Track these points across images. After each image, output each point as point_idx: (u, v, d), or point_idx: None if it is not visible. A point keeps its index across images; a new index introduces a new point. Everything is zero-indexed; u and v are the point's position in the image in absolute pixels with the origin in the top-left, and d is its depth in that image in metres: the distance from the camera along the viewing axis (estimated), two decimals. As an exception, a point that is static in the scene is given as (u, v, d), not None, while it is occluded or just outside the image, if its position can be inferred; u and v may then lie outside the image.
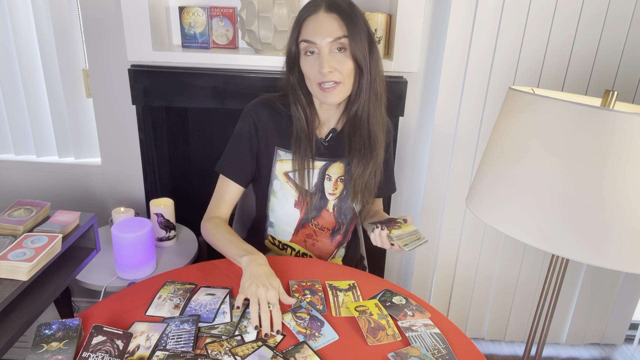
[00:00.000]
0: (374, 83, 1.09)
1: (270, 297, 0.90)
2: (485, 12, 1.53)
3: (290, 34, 1.08)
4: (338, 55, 1.03)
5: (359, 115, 1.12)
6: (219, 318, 0.89)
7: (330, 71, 1.02)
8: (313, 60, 1.04)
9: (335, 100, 1.07)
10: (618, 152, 0.85)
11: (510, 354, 1.95)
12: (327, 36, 1.01)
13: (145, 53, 1.54)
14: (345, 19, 1.02)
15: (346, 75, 1.05)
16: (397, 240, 1.01)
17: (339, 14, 1.02)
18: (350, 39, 1.02)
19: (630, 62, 1.59)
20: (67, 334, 0.80)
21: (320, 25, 1.02)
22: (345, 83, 1.06)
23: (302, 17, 1.05)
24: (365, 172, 1.15)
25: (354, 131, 1.14)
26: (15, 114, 1.77)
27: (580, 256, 0.90)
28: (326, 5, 1.03)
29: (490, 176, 1.05)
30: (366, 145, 1.14)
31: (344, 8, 1.03)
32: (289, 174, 1.17)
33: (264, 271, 0.95)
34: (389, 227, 1.04)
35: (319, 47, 1.02)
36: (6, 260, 0.94)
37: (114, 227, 1.30)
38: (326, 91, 1.05)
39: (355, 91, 1.09)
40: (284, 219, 1.21)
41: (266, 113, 1.17)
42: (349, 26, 1.02)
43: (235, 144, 1.18)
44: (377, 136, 1.13)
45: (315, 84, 1.06)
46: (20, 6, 1.63)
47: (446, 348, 0.85)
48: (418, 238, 1.04)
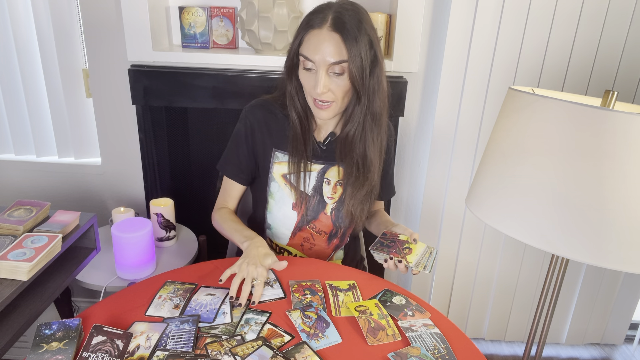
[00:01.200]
0: (372, 104, 1.06)
1: (256, 273, 0.96)
2: (485, 12, 1.53)
3: (294, 39, 1.05)
4: (335, 78, 1.01)
5: (351, 135, 1.10)
6: (219, 318, 0.89)
7: (324, 92, 1.01)
8: (310, 75, 1.03)
9: (327, 117, 1.06)
10: (618, 152, 0.85)
11: (510, 354, 1.95)
12: (326, 57, 0.98)
13: (145, 53, 1.54)
14: (348, 42, 0.97)
15: (340, 96, 1.04)
16: (417, 267, 1.00)
17: (343, 35, 0.97)
18: (350, 63, 0.98)
19: (630, 62, 1.59)
20: (67, 334, 0.80)
21: (321, 44, 0.98)
22: (338, 102, 1.05)
23: (306, 26, 1.01)
24: (358, 193, 1.14)
25: (345, 151, 1.12)
26: (15, 114, 1.77)
27: (580, 256, 0.90)
28: (332, 23, 0.98)
29: (490, 176, 1.05)
30: (359, 166, 1.12)
31: (349, 29, 0.97)
32: (286, 176, 1.17)
33: (259, 252, 1.02)
34: (401, 254, 1.02)
35: (317, 65, 1.00)
36: (6, 260, 0.94)
37: (114, 227, 1.30)
38: (319, 108, 1.05)
39: (350, 112, 1.08)
40: (281, 221, 1.21)
41: (263, 115, 1.16)
42: (351, 50, 0.97)
43: (233, 145, 1.20)
44: (372, 157, 1.12)
45: (311, 98, 1.06)
46: (20, 6, 1.63)
47: (446, 348, 0.85)
48: (430, 253, 1.04)
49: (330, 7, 1.01)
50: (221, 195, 1.25)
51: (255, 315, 0.90)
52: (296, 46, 1.04)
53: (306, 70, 1.03)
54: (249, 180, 1.22)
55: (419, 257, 1.02)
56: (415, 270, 1.01)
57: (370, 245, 1.07)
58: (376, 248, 1.05)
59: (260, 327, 0.87)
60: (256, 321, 0.89)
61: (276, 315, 0.92)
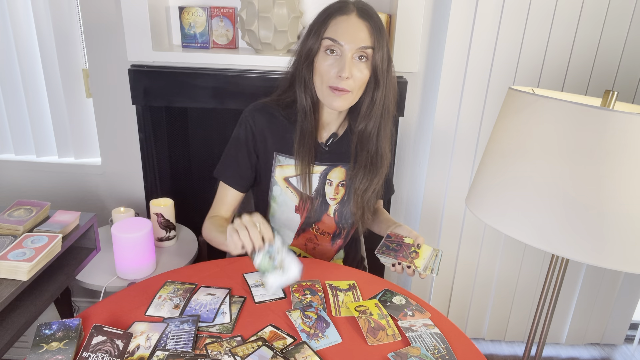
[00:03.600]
0: (387, 99, 1.08)
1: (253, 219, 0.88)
2: (485, 12, 1.53)
3: (313, 28, 1.05)
4: (359, 64, 1.03)
5: (368, 130, 1.11)
6: (219, 318, 0.89)
7: (348, 77, 1.01)
8: (332, 60, 1.02)
9: (341, 106, 1.06)
10: (618, 152, 0.85)
11: (510, 354, 1.95)
12: (356, 41, 1.00)
13: (145, 53, 1.54)
14: (375, 30, 1.01)
15: (359, 85, 1.04)
16: (425, 272, 1.00)
17: (370, 23, 1.01)
18: (375, 51, 1.02)
19: (630, 62, 1.59)
20: (67, 334, 0.80)
21: (350, 28, 1.01)
22: (354, 92, 1.05)
23: (332, 14, 1.03)
24: (369, 188, 1.15)
25: (361, 147, 1.13)
26: (15, 114, 1.77)
27: (580, 256, 0.90)
28: (359, 11, 1.02)
29: (490, 176, 1.05)
30: (373, 161, 1.13)
31: (375, 19, 1.03)
32: (289, 179, 1.16)
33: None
34: (408, 259, 1.02)
35: (344, 50, 1.01)
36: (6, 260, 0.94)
37: (114, 227, 1.30)
38: (336, 94, 1.04)
39: (368, 105, 1.09)
40: (284, 224, 1.21)
41: (263, 119, 1.15)
42: (377, 38, 1.01)
43: (232, 150, 1.17)
44: (384, 152, 1.13)
45: (327, 85, 1.04)
46: (20, 6, 1.63)
47: (446, 348, 0.85)
48: (436, 255, 1.04)
49: (350, 1, 1.05)
50: (215, 204, 1.20)
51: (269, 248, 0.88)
52: (320, 31, 1.03)
53: (329, 54, 1.03)
54: (247, 187, 1.20)
55: (426, 261, 1.02)
56: (423, 275, 1.00)
57: (376, 248, 1.06)
58: (382, 252, 1.03)
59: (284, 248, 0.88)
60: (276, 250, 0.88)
61: (276, 315, 0.92)
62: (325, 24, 1.03)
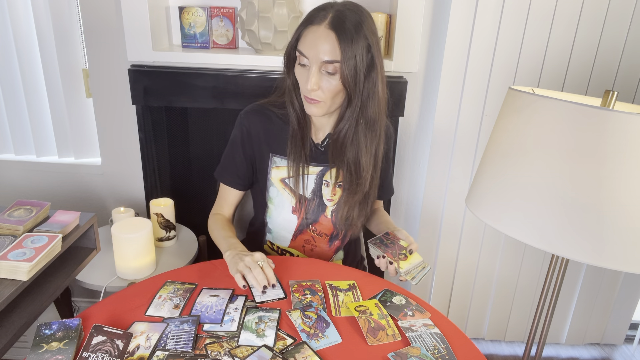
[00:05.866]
0: (366, 109, 1.04)
1: (255, 258, 0.98)
2: (485, 12, 1.53)
3: (293, 34, 1.05)
4: (327, 77, 1.00)
5: (341, 137, 1.09)
6: (227, 325, 0.87)
7: (314, 89, 1.00)
8: (303, 71, 1.02)
9: (315, 113, 1.05)
10: (618, 152, 0.85)
11: (510, 354, 1.95)
12: (320, 54, 0.97)
13: (145, 53, 1.54)
14: (344, 42, 0.95)
15: (329, 97, 1.02)
16: (406, 275, 1.01)
17: (339, 35, 0.95)
18: (343, 65, 0.96)
19: (630, 62, 1.59)
20: (67, 334, 0.80)
21: (316, 41, 0.97)
22: (327, 102, 1.03)
23: (306, 23, 1.01)
24: (350, 201, 1.13)
25: (336, 154, 1.11)
26: (15, 114, 1.77)
27: (580, 256, 0.90)
28: (331, 21, 0.97)
29: (490, 176, 1.05)
30: (352, 174, 1.11)
31: (347, 29, 0.96)
32: (285, 180, 1.16)
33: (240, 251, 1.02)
34: (395, 257, 1.03)
35: (310, 62, 0.99)
36: (6, 260, 0.94)
37: (114, 227, 1.30)
38: (309, 102, 1.04)
39: (342, 115, 1.07)
40: (281, 225, 1.21)
41: (259, 120, 1.15)
42: (345, 51, 0.95)
43: (230, 152, 1.19)
44: (363, 165, 1.10)
45: (302, 94, 1.06)
46: (20, 6, 1.63)
47: (446, 348, 0.85)
48: (423, 267, 1.04)
49: (333, 6, 1.00)
50: (217, 202, 1.25)
51: (266, 313, 0.90)
52: (294, 41, 1.04)
53: (301, 66, 1.02)
54: (247, 185, 1.22)
55: (411, 267, 1.03)
56: (402, 277, 1.01)
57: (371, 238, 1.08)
58: (374, 243, 1.07)
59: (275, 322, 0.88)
60: (269, 318, 0.89)
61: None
62: (298, 34, 1.02)
